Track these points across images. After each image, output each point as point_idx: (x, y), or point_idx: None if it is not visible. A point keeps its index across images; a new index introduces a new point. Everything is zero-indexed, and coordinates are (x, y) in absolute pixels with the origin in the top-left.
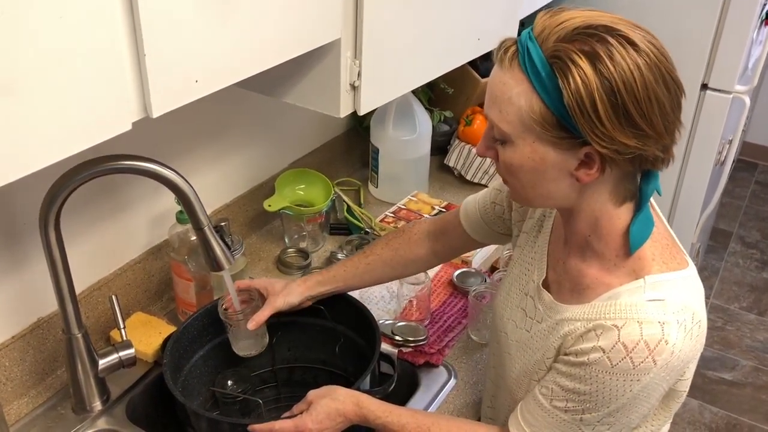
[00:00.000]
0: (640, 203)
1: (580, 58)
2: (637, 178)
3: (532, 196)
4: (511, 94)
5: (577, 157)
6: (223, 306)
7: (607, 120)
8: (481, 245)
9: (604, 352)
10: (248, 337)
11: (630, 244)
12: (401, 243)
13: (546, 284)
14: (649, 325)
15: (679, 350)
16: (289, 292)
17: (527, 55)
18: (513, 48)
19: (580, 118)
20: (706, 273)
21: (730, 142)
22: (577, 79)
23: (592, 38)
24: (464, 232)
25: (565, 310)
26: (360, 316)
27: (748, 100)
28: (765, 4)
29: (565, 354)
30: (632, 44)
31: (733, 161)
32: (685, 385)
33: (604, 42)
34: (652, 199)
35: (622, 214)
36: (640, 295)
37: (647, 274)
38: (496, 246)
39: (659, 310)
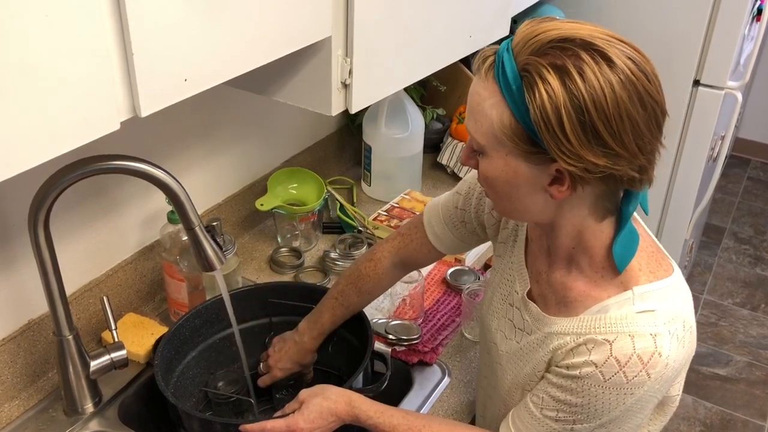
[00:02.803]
0: (620, 223)
1: (549, 72)
2: (618, 196)
3: (510, 210)
4: (485, 105)
5: (549, 173)
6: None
7: (573, 137)
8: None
9: (596, 367)
10: None
11: (616, 264)
12: (373, 285)
13: (531, 296)
14: (641, 338)
15: (672, 361)
16: (293, 362)
17: (501, 67)
18: (491, 59)
19: (545, 134)
20: (699, 269)
21: (723, 138)
22: (544, 94)
23: (565, 52)
24: (436, 252)
25: (553, 322)
26: (352, 314)
27: (740, 96)
28: (756, 0)
29: (557, 366)
30: (607, 60)
31: (726, 157)
32: (678, 389)
33: (576, 57)
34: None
35: (605, 228)
36: (629, 307)
37: (635, 284)
38: (489, 244)
39: (650, 321)
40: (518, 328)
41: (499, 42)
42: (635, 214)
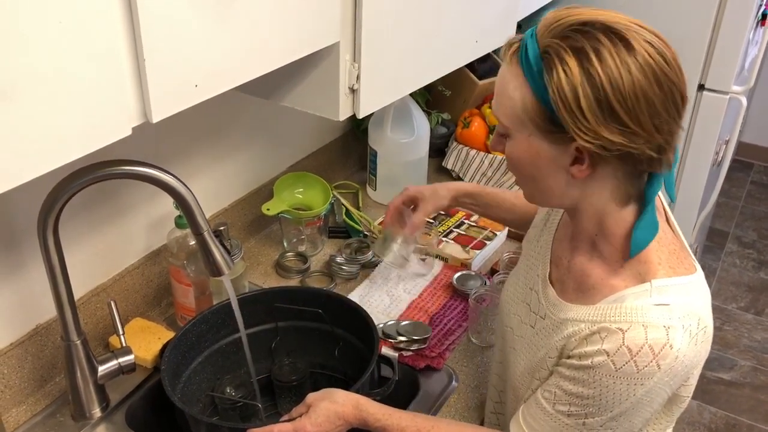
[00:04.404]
0: (642, 207)
1: (568, 53)
2: (642, 180)
3: (535, 192)
4: (509, 88)
5: (570, 153)
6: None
7: (590, 114)
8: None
9: (608, 356)
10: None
11: (631, 248)
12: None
13: (550, 280)
14: (654, 330)
15: (683, 355)
16: (438, 197)
17: (525, 50)
18: (516, 44)
19: (563, 111)
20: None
21: (727, 142)
22: (561, 74)
23: (584, 35)
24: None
25: (569, 309)
26: (358, 319)
27: (744, 101)
28: (761, 5)
29: (569, 357)
30: (625, 42)
31: (730, 161)
32: (689, 391)
33: (595, 39)
34: (665, 205)
35: (627, 215)
36: (646, 299)
37: (653, 277)
38: (495, 249)
39: (665, 314)
40: (533, 312)
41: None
42: (669, 212)
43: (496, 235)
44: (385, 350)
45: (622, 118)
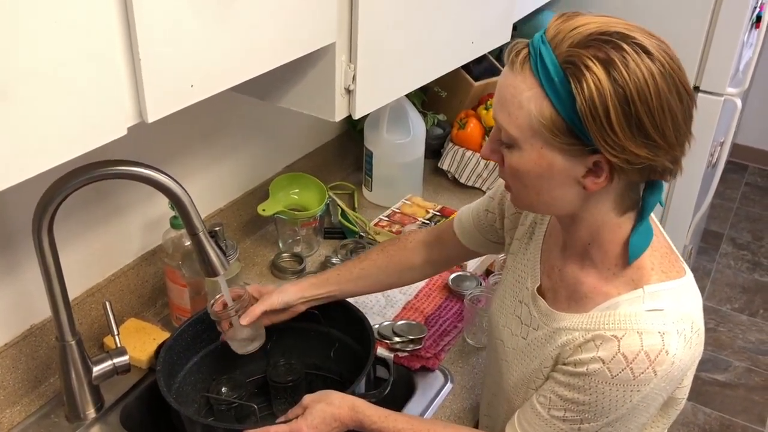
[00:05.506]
0: (642, 214)
1: (595, 64)
2: (641, 188)
3: (536, 203)
4: (522, 98)
5: (585, 165)
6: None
7: (619, 129)
8: (476, 255)
9: (604, 363)
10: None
11: (629, 255)
12: (396, 250)
13: (541, 291)
14: (649, 336)
15: (679, 360)
16: (283, 291)
17: (540, 59)
18: (525, 51)
19: (592, 125)
20: (697, 275)
21: (722, 144)
22: (591, 85)
23: (606, 45)
24: (459, 241)
25: (562, 318)
26: (354, 320)
27: (739, 103)
28: (755, 7)
29: (564, 364)
30: (646, 52)
31: (724, 163)
32: (684, 392)
33: (618, 49)
34: None
35: (624, 223)
36: (639, 305)
37: (646, 283)
38: None
39: (659, 320)
40: (525, 324)
41: (502, 47)
42: (652, 214)
43: None
44: (381, 351)
45: (649, 132)
